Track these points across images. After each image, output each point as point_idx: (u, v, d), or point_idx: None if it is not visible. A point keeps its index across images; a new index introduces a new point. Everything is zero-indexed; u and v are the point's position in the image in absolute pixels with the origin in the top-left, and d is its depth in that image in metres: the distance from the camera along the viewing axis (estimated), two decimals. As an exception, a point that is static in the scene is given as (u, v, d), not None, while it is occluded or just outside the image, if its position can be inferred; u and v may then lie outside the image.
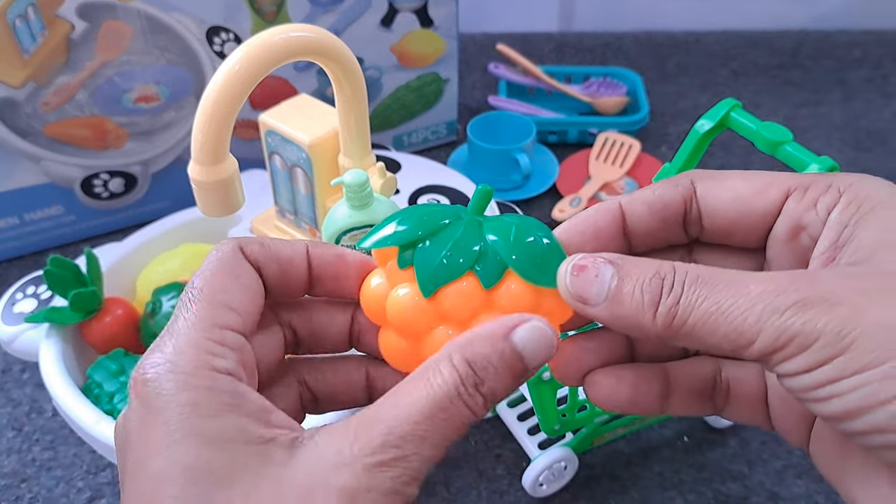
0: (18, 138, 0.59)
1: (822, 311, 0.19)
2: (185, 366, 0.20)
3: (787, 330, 0.19)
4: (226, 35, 0.61)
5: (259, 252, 0.24)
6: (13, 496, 0.48)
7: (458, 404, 0.20)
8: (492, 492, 0.48)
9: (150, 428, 0.19)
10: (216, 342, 0.20)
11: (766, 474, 0.49)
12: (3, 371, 0.56)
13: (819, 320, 0.18)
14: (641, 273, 0.21)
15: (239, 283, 0.22)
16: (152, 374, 0.20)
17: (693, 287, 0.20)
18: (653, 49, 0.93)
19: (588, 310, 0.22)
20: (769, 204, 0.23)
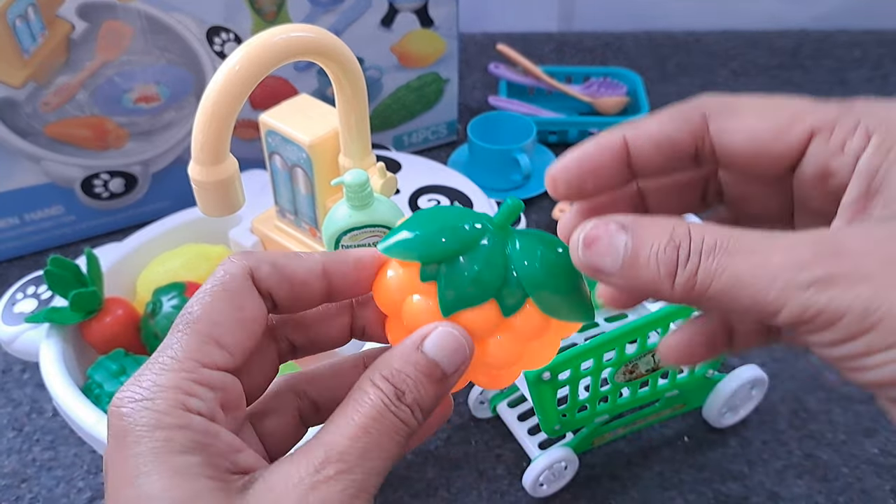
0: (19, 138, 0.59)
1: (847, 287, 0.18)
2: (161, 404, 0.20)
3: (811, 306, 0.18)
4: (226, 35, 0.61)
5: (270, 275, 0.23)
6: (13, 496, 0.48)
7: (389, 416, 0.21)
8: (492, 492, 0.48)
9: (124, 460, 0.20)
10: (196, 382, 0.21)
11: (767, 474, 0.49)
12: (4, 371, 0.56)
13: (844, 298, 0.18)
14: (655, 239, 0.20)
15: (238, 317, 0.22)
16: (127, 410, 0.20)
17: (710, 256, 0.19)
18: (653, 49, 0.93)
19: (603, 279, 0.21)
20: (791, 147, 0.22)
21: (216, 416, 0.21)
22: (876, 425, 0.51)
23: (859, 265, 0.18)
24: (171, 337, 0.22)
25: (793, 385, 0.54)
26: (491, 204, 0.57)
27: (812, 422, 0.52)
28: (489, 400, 0.51)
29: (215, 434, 0.20)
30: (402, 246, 0.23)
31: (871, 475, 0.49)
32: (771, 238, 0.19)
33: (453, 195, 0.57)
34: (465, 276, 0.22)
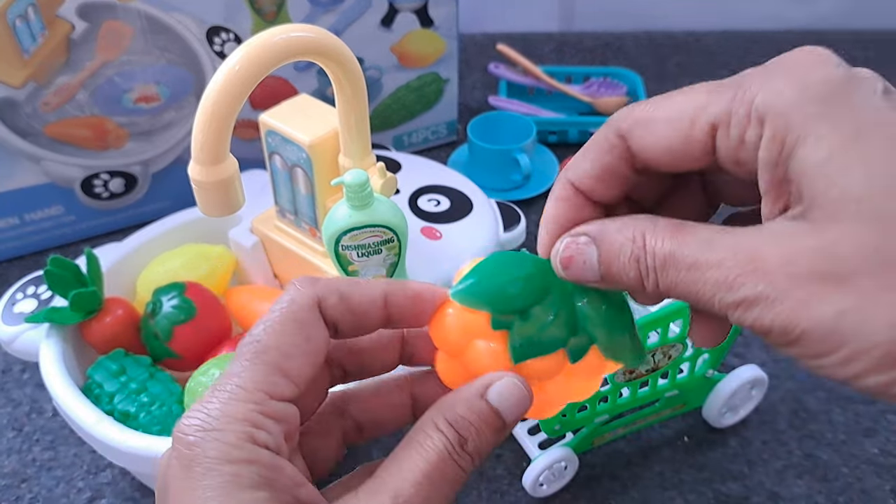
0: (19, 138, 0.59)
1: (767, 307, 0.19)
2: (230, 437, 0.20)
3: (742, 323, 0.20)
4: (226, 35, 0.62)
5: (336, 307, 0.23)
6: (13, 496, 0.48)
7: (451, 464, 0.22)
8: (492, 492, 0.48)
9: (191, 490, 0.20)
10: (264, 414, 0.21)
11: (767, 474, 0.49)
12: (4, 371, 0.56)
13: (765, 318, 0.19)
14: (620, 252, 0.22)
15: (305, 349, 0.22)
16: (195, 439, 0.20)
17: (663, 272, 0.21)
18: (653, 49, 0.93)
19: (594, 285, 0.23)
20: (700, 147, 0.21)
21: (281, 449, 0.21)
22: (876, 425, 0.51)
23: (775, 284, 0.19)
24: (238, 364, 0.22)
25: (793, 385, 0.54)
26: (491, 204, 0.57)
27: (812, 422, 0.52)
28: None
29: (281, 469, 0.21)
30: (476, 296, 0.23)
31: (871, 475, 0.49)
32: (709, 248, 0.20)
33: (453, 195, 0.57)
34: (539, 328, 0.23)
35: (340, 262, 0.44)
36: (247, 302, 0.51)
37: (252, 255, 0.53)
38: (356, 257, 0.43)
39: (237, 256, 0.54)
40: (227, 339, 0.48)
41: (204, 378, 0.43)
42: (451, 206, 0.57)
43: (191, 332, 0.46)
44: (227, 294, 0.52)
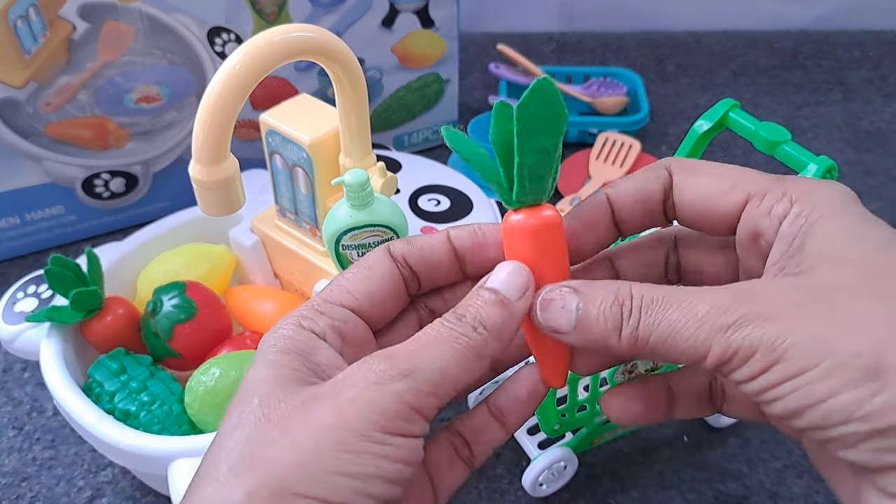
0: (20, 138, 0.59)
1: (759, 325, 0.21)
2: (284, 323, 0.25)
3: (730, 345, 0.21)
4: (227, 36, 0.62)
5: (402, 245, 0.27)
6: (14, 495, 0.48)
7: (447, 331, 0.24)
8: (492, 491, 0.48)
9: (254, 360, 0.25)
10: (315, 309, 0.25)
11: (766, 474, 0.49)
12: (4, 370, 0.56)
13: (755, 334, 0.21)
14: (603, 299, 0.23)
15: (367, 274, 0.26)
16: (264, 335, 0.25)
17: (649, 311, 0.22)
18: (653, 49, 0.94)
19: (561, 338, 0.24)
20: (730, 207, 0.25)
21: (327, 337, 0.25)
22: (875, 425, 0.51)
23: (769, 307, 0.21)
24: None
25: (792, 385, 0.54)
26: (491, 204, 0.57)
27: (811, 421, 0.52)
28: (489, 399, 0.52)
29: (316, 347, 0.24)
30: None
31: (871, 475, 0.49)
32: (700, 291, 0.22)
33: (453, 195, 0.57)
34: None
35: (341, 262, 0.44)
36: (247, 301, 0.51)
37: (252, 255, 0.53)
38: (357, 257, 0.44)
39: (238, 256, 0.54)
40: (228, 339, 0.48)
41: (204, 377, 0.43)
42: (451, 205, 0.57)
43: (191, 331, 0.47)
44: (228, 293, 0.53)
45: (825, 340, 0.20)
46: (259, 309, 0.50)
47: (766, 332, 0.20)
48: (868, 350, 0.20)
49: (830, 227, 0.22)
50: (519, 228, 0.25)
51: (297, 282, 0.53)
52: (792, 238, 0.23)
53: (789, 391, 0.20)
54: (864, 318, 0.20)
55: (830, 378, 0.20)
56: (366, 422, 0.21)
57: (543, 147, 0.23)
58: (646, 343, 0.22)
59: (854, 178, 0.74)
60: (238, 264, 0.54)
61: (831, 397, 0.20)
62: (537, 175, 0.24)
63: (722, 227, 0.25)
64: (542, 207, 0.25)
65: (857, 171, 0.75)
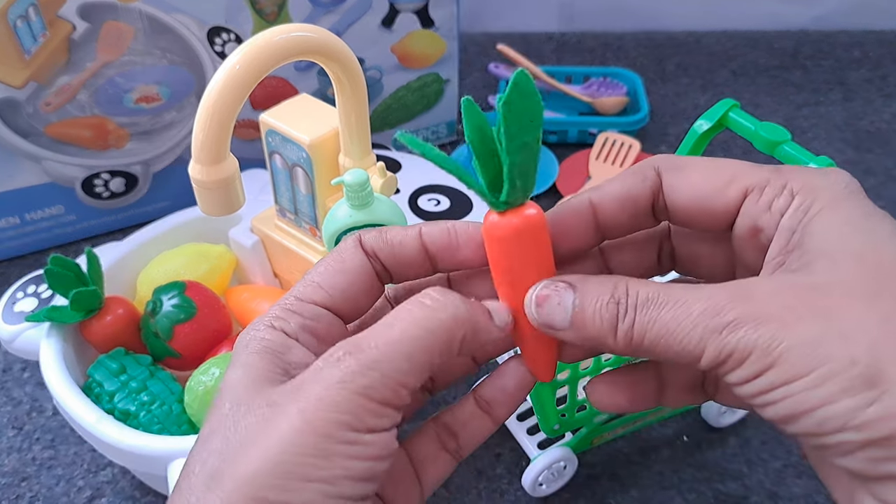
0: (20, 138, 0.59)
1: (753, 327, 0.20)
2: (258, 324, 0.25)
3: (724, 347, 0.21)
4: (227, 36, 0.62)
5: (374, 238, 0.26)
6: (13, 495, 0.48)
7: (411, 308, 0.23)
8: (491, 491, 0.48)
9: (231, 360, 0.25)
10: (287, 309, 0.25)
11: (766, 474, 0.49)
12: (4, 370, 0.56)
13: (750, 337, 0.20)
14: (599, 296, 0.23)
15: (338, 268, 0.26)
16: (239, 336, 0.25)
17: (644, 309, 0.22)
18: (653, 49, 0.94)
19: (556, 334, 0.24)
20: (728, 203, 0.24)
21: (300, 337, 0.25)
22: (875, 425, 0.51)
23: (764, 309, 0.20)
24: None
25: (792, 385, 0.54)
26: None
27: (811, 421, 0.52)
28: (489, 399, 0.52)
29: (287, 346, 0.24)
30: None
31: (870, 475, 0.49)
32: (695, 290, 0.22)
33: (453, 195, 0.57)
34: None
35: (340, 262, 0.44)
36: (247, 301, 0.51)
37: (252, 255, 0.53)
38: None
39: (237, 256, 0.54)
40: (228, 338, 0.48)
41: (204, 377, 0.43)
42: (451, 205, 0.57)
43: (191, 331, 0.47)
44: (228, 293, 0.53)
45: (820, 346, 0.20)
46: (259, 309, 0.50)
47: (761, 334, 0.20)
48: (864, 357, 0.19)
49: (831, 221, 0.22)
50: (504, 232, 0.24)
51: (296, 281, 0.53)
52: (791, 232, 0.22)
53: (783, 397, 0.20)
54: (861, 323, 0.20)
55: (825, 385, 0.19)
56: (332, 423, 0.21)
57: (528, 142, 0.23)
58: (641, 342, 0.22)
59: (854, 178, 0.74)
60: (238, 264, 0.54)
61: (826, 405, 0.19)
62: (525, 172, 0.23)
63: (719, 224, 0.25)
64: (525, 206, 0.24)
65: (857, 171, 0.75)
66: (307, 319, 0.25)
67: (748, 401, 0.21)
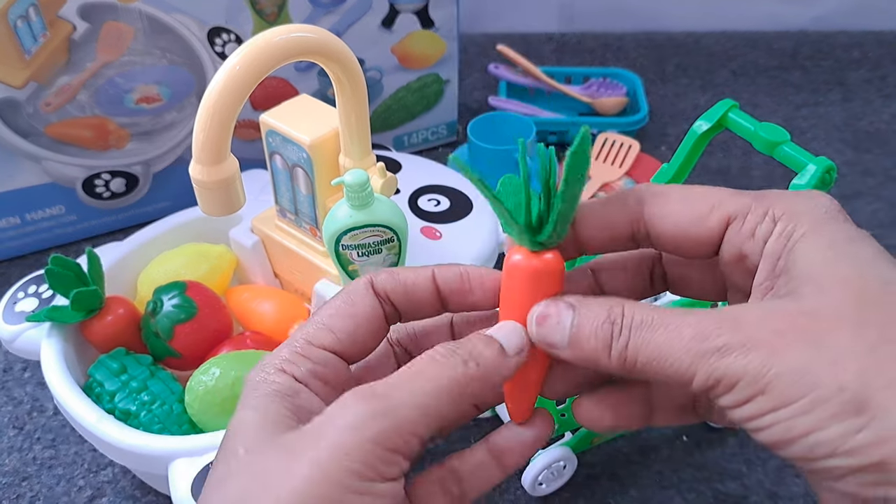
0: (20, 138, 0.59)
1: (742, 353, 0.21)
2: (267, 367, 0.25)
3: (714, 372, 0.21)
4: (227, 36, 0.62)
5: (386, 280, 0.27)
6: (14, 494, 0.48)
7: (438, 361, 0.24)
8: (491, 490, 0.48)
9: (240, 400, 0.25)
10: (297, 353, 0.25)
11: (765, 473, 0.49)
12: (5, 370, 0.56)
13: (739, 363, 0.21)
14: (596, 317, 0.23)
15: (349, 311, 0.26)
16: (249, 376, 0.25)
17: (638, 331, 0.22)
18: (652, 50, 0.94)
19: (556, 352, 0.24)
20: (711, 232, 0.24)
21: (309, 382, 0.25)
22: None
23: (753, 335, 0.21)
24: None
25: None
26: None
27: (810, 421, 0.52)
28: (488, 399, 0.52)
29: (296, 391, 0.24)
30: None
31: (869, 474, 0.49)
32: (687, 314, 0.22)
33: (453, 195, 0.57)
34: None
35: (341, 262, 0.44)
36: (247, 301, 0.51)
37: (253, 255, 0.53)
38: (356, 257, 0.44)
39: (238, 256, 0.54)
40: (228, 338, 0.48)
41: (205, 377, 0.43)
42: (451, 206, 0.57)
43: (192, 331, 0.47)
44: (228, 293, 0.53)
45: (809, 372, 0.20)
46: (259, 309, 0.50)
47: (751, 361, 0.20)
48: (852, 384, 0.19)
49: (813, 247, 0.22)
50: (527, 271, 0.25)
51: (297, 282, 0.53)
52: (776, 258, 0.23)
53: (772, 423, 0.20)
54: (849, 350, 0.20)
55: (814, 412, 0.20)
56: (344, 471, 0.21)
57: (576, 194, 0.24)
58: (634, 364, 0.22)
59: (853, 179, 0.74)
60: (238, 264, 0.54)
61: (815, 431, 0.20)
62: (566, 219, 0.24)
63: (703, 252, 0.25)
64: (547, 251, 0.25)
65: (856, 172, 0.75)
66: (316, 364, 0.25)
67: (740, 425, 0.21)
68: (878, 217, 0.68)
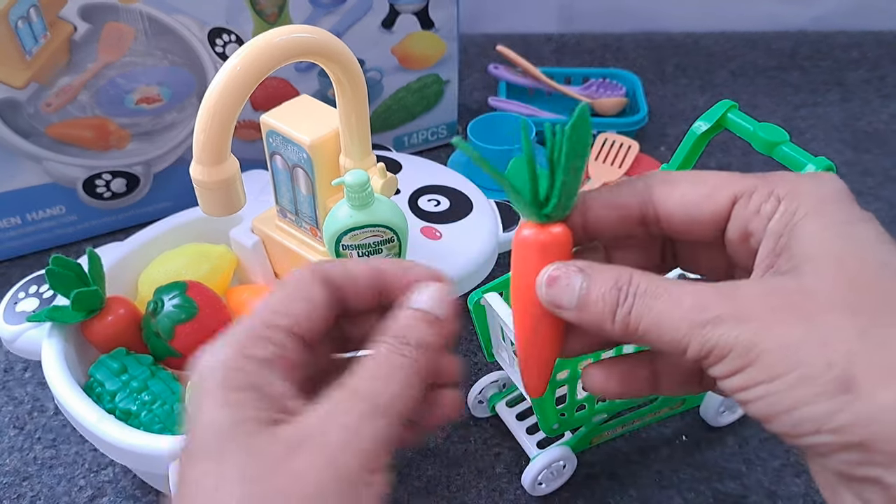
0: (21, 139, 0.59)
1: (734, 325, 0.21)
2: (227, 351, 0.24)
3: (707, 342, 0.21)
4: (227, 37, 0.62)
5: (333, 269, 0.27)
6: (15, 494, 0.48)
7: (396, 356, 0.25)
8: (491, 490, 0.48)
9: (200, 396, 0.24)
10: (258, 336, 0.24)
11: (765, 473, 0.49)
12: (6, 370, 0.56)
13: (731, 334, 0.21)
14: (604, 282, 0.24)
15: (300, 295, 0.26)
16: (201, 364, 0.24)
17: (642, 298, 0.23)
18: (652, 50, 0.94)
19: (562, 313, 0.25)
20: (717, 210, 0.25)
21: (273, 366, 0.24)
22: (873, 424, 0.51)
23: (747, 308, 0.21)
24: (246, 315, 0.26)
25: (790, 384, 0.54)
26: (491, 204, 0.58)
27: (809, 421, 0.52)
28: (488, 399, 0.52)
29: (268, 380, 0.24)
30: None
31: (868, 474, 0.49)
32: (689, 285, 0.23)
33: (453, 195, 0.58)
34: None
35: (341, 262, 0.44)
36: (248, 301, 0.51)
37: (253, 255, 0.53)
38: (357, 257, 0.44)
39: (238, 256, 0.54)
40: (228, 338, 0.49)
41: (205, 377, 0.43)
42: (450, 206, 0.57)
43: (192, 330, 0.47)
44: (229, 293, 0.53)
45: (798, 349, 0.20)
46: (259, 309, 0.51)
47: (742, 332, 0.21)
48: (840, 362, 0.20)
49: (815, 226, 0.22)
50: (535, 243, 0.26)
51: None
52: (778, 236, 0.23)
53: (760, 395, 0.21)
54: (840, 331, 0.20)
55: (801, 387, 0.20)
56: (358, 467, 0.22)
57: (578, 167, 0.24)
58: (636, 329, 0.23)
59: (852, 179, 0.74)
60: (239, 264, 0.55)
61: (801, 406, 0.20)
62: (570, 192, 0.25)
63: (710, 232, 0.25)
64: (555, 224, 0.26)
65: (855, 172, 0.75)
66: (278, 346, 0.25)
67: (731, 395, 0.22)
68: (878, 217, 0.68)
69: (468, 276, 0.53)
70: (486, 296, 0.44)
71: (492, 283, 0.46)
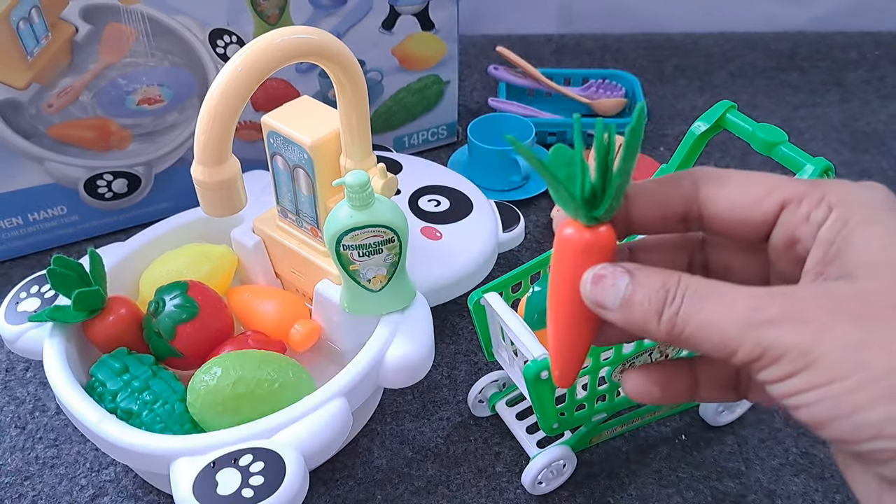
0: (22, 139, 0.59)
1: (791, 327, 0.21)
2: None
3: (760, 343, 0.21)
4: (229, 38, 0.62)
5: None
6: (16, 493, 0.49)
7: None
8: (491, 489, 0.48)
9: None
10: None
11: (764, 472, 0.49)
12: (7, 369, 0.57)
13: (787, 336, 0.20)
14: (651, 284, 0.23)
15: None
16: None
17: (691, 300, 0.22)
18: (651, 51, 0.94)
19: (604, 313, 0.24)
20: (765, 215, 0.24)
21: None
22: (872, 424, 0.52)
23: (804, 310, 0.21)
24: None
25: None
26: (491, 204, 0.58)
27: (808, 420, 0.52)
28: (488, 399, 0.52)
29: None
30: None
31: (867, 473, 0.49)
32: (740, 287, 0.22)
33: (453, 195, 0.58)
34: None
35: (342, 262, 0.44)
36: (249, 301, 0.52)
37: (254, 255, 0.53)
38: (357, 257, 0.44)
39: (239, 256, 0.54)
40: (230, 338, 0.49)
41: (206, 376, 0.43)
42: (451, 206, 0.57)
43: (193, 330, 0.47)
44: (230, 293, 0.53)
45: (858, 352, 0.20)
46: (260, 309, 0.51)
47: (799, 335, 0.20)
48: None
49: (869, 234, 0.22)
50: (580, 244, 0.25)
51: (298, 282, 0.53)
52: (830, 244, 0.23)
53: (816, 400, 0.20)
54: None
55: (861, 392, 0.19)
56: None
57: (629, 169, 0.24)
58: (682, 331, 0.22)
59: (851, 179, 0.74)
60: (240, 264, 0.55)
61: (861, 412, 0.19)
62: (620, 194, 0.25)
63: (755, 235, 0.25)
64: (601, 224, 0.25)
65: (854, 172, 0.75)
66: None
67: (781, 401, 0.21)
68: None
69: (468, 276, 0.53)
70: (486, 296, 0.44)
71: (492, 283, 0.46)
